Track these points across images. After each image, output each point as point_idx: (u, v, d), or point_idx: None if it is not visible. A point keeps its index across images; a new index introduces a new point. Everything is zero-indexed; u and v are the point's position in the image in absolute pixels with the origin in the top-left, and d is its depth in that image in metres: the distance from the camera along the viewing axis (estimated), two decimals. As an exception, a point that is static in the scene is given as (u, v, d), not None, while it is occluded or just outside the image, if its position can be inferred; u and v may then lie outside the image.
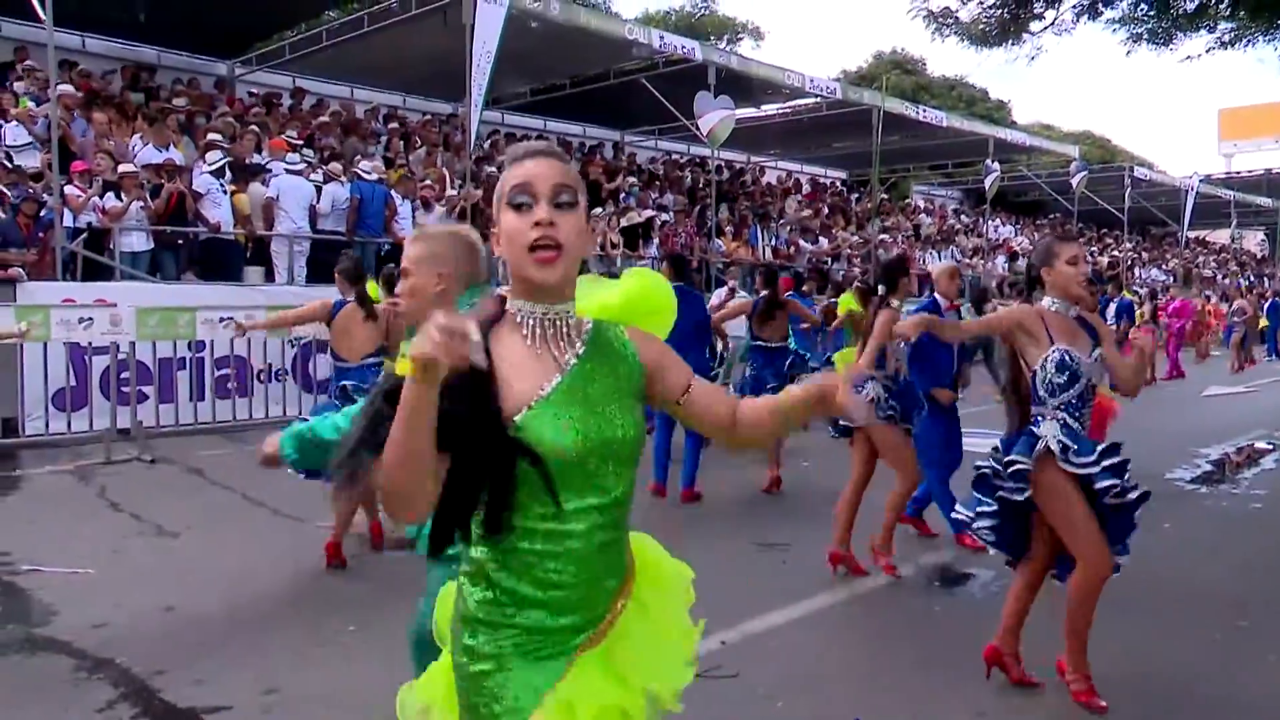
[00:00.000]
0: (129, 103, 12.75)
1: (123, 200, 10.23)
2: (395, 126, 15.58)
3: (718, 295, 12.51)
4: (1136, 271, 29.33)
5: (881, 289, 5.56)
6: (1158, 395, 14.41)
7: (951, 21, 9.42)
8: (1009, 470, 3.57)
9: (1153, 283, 26.15)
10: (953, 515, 4.32)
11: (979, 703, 3.67)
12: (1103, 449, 3.55)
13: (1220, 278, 33.38)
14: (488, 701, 1.64)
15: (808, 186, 23.92)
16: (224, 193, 11.06)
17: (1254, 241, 43.81)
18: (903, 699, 3.74)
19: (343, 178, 12.07)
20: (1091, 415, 3.75)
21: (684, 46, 15.44)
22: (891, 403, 5.38)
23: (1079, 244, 3.83)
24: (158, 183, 10.66)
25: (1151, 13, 9.16)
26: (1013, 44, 9.44)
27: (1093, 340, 3.66)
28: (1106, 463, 3.50)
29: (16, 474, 7.86)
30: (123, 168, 10.44)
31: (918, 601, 4.97)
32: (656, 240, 15.42)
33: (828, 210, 21.76)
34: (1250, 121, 52.80)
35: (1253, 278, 35.35)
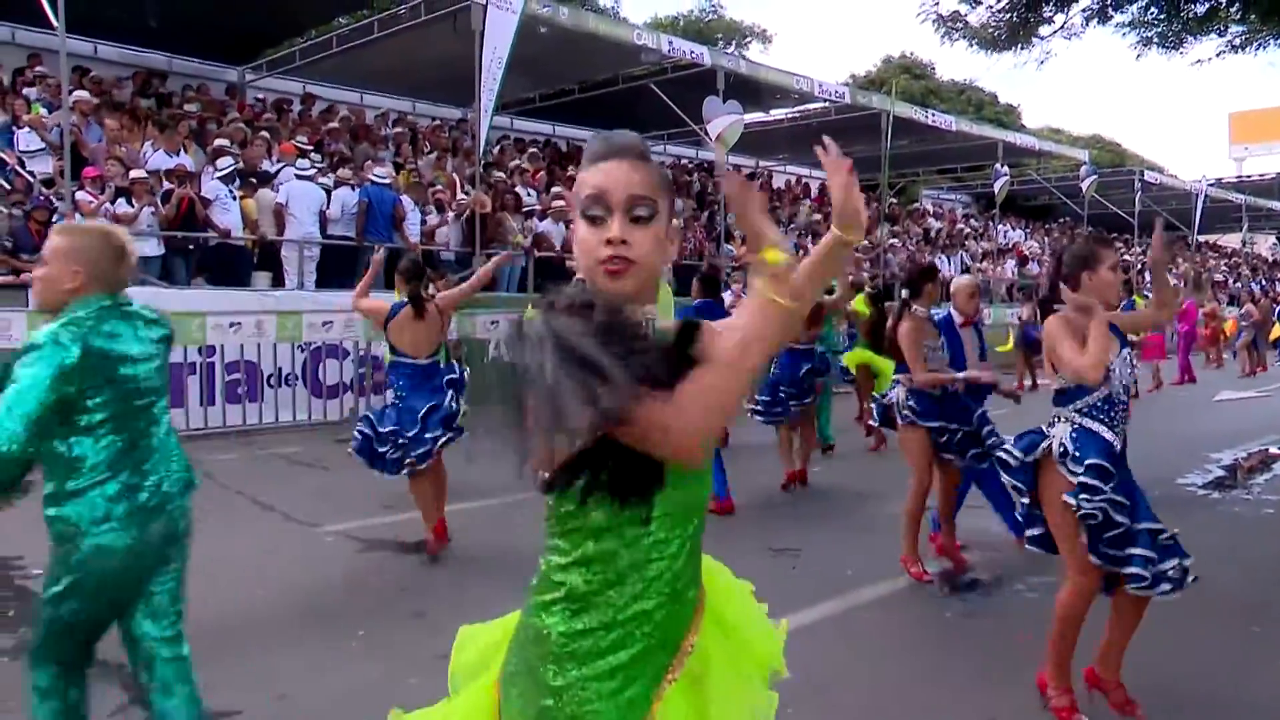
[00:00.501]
0: (140, 109, 12.82)
1: (134, 206, 10.28)
2: (403, 131, 15.61)
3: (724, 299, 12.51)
4: (1147, 276, 29.19)
5: (905, 293, 5.55)
6: (1169, 400, 14.35)
7: (960, 25, 9.40)
8: (1013, 473, 3.59)
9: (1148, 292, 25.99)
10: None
11: (990, 710, 3.65)
12: (1118, 483, 3.42)
13: (1231, 282, 33.22)
14: None
15: (816, 191, 23.91)
16: (233, 199, 11.10)
17: (1265, 246, 43.62)
18: (913, 707, 3.72)
19: (352, 182, 12.11)
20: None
21: (692, 51, 15.47)
22: (910, 404, 5.35)
23: (1117, 250, 3.73)
24: (169, 188, 10.72)
25: (1161, 16, 9.13)
26: (1022, 48, 9.41)
27: (1120, 340, 3.57)
28: (1109, 497, 3.37)
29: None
30: (134, 173, 10.49)
31: (929, 608, 4.95)
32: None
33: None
34: (1261, 125, 52.56)
35: (1264, 282, 35.16)
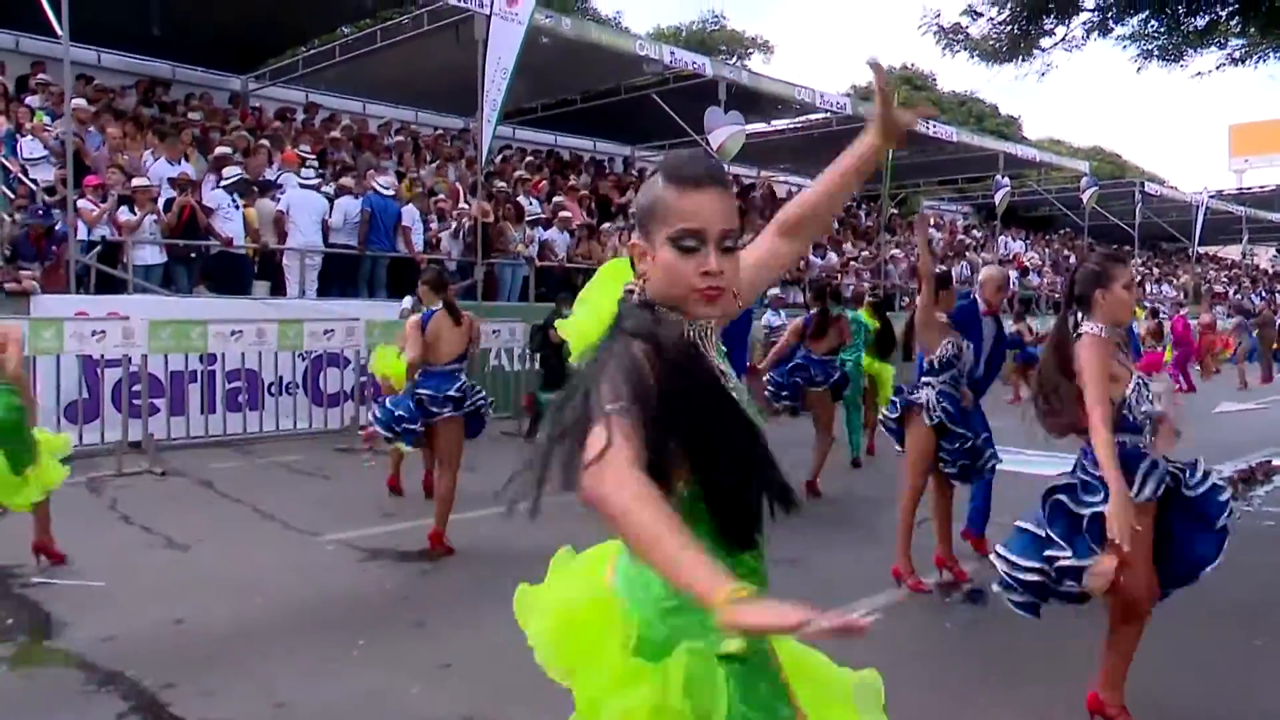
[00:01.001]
0: (142, 117, 12.86)
1: (136, 214, 10.30)
2: (403, 140, 15.65)
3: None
4: (1147, 287, 29.25)
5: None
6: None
7: (962, 37, 9.41)
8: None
9: (1153, 301, 26.02)
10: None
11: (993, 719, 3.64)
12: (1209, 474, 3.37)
13: (1232, 293, 33.24)
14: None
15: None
16: (236, 207, 11.13)
17: (1266, 258, 43.65)
18: (915, 717, 3.71)
19: (355, 191, 12.14)
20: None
21: (694, 62, 15.51)
22: (945, 405, 5.35)
23: (1131, 266, 3.57)
24: (171, 196, 10.75)
25: (1162, 29, 9.14)
26: (1023, 60, 9.43)
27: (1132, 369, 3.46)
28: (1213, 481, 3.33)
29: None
30: (136, 182, 10.52)
31: (931, 618, 4.94)
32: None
33: (837, 225, 21.76)
34: (1261, 137, 52.68)
35: (1265, 293, 35.18)
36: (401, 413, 5.96)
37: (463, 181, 14.46)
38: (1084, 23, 9.05)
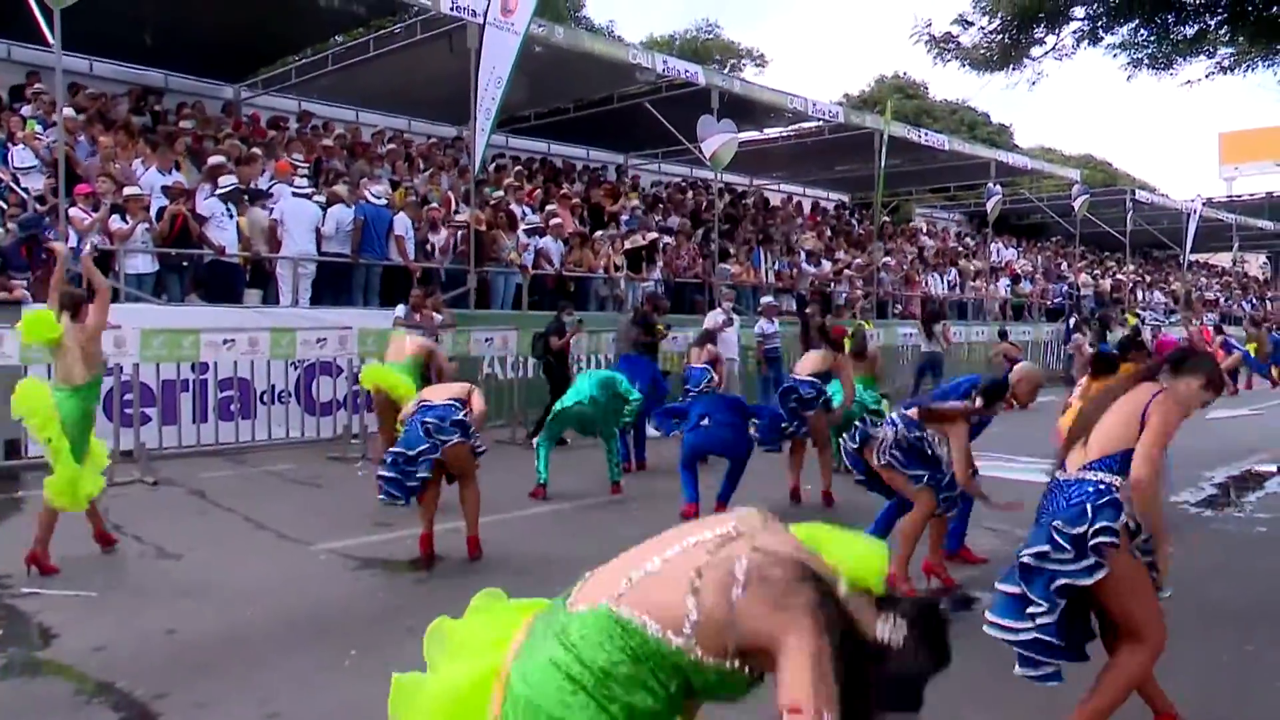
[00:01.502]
0: (132, 125, 12.83)
1: (128, 223, 10.28)
2: (395, 149, 15.65)
3: (712, 318, 12.51)
4: (1139, 294, 29.36)
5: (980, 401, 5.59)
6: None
7: (953, 46, 9.45)
8: (1095, 541, 3.20)
9: (1142, 310, 26.12)
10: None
11: (984, 729, 3.64)
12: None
13: (1223, 300, 33.39)
14: None
15: (809, 209, 24.02)
16: (230, 216, 11.11)
17: (1256, 265, 43.85)
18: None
19: (346, 199, 12.12)
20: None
21: (687, 70, 15.55)
22: (894, 452, 5.43)
23: (1208, 382, 3.58)
24: (163, 205, 10.72)
25: (1151, 38, 9.20)
26: (1014, 69, 9.47)
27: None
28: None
29: (19, 495, 7.85)
30: (127, 190, 10.49)
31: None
32: (660, 263, 15.46)
33: (830, 233, 21.82)
34: (1251, 145, 52.86)
35: (1255, 300, 35.34)
36: (416, 452, 5.75)
37: (455, 190, 14.46)
38: (1074, 32, 9.10)
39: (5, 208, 10.08)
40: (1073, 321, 20.71)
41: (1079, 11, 8.93)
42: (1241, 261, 39.61)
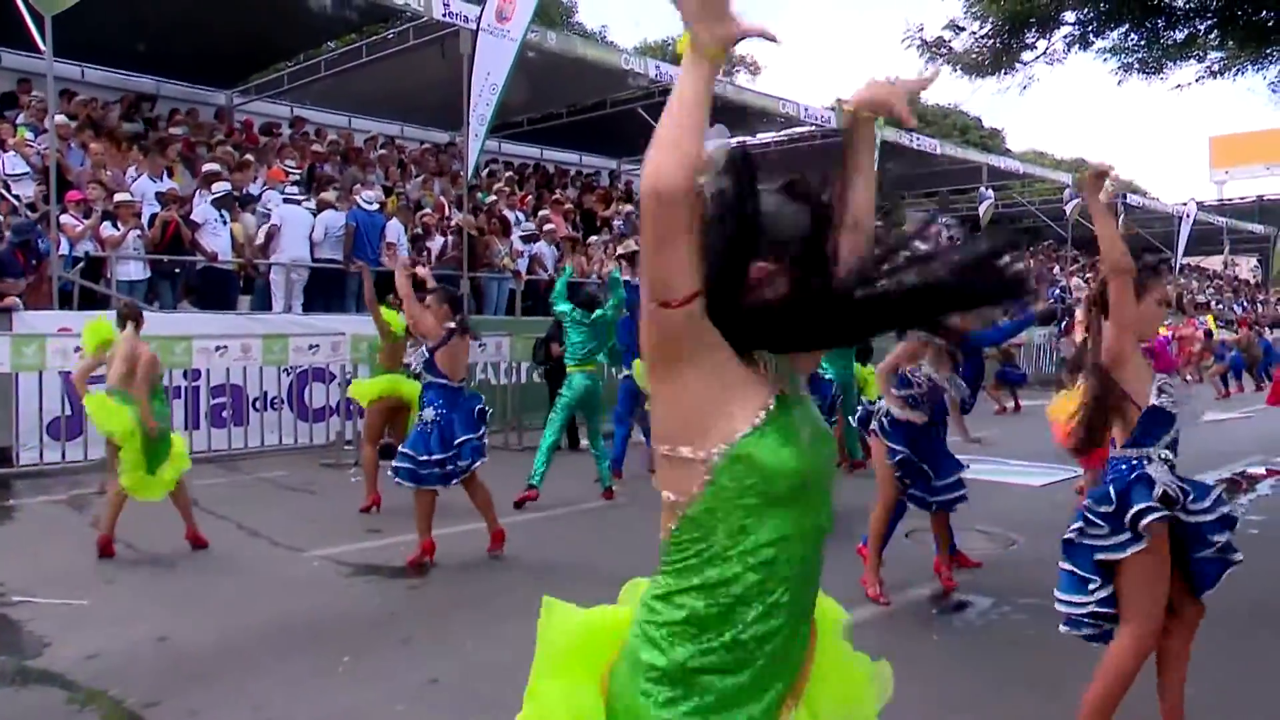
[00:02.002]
0: (122, 132, 12.81)
1: (119, 229, 10.25)
2: (387, 154, 15.64)
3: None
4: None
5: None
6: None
7: (945, 51, 9.49)
8: (1134, 520, 3.17)
9: None
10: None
11: (978, 732, 3.64)
12: (1216, 496, 3.35)
13: (1215, 303, 33.49)
14: None
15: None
16: (224, 223, 11.09)
17: (1247, 268, 44.00)
18: (902, 729, 3.70)
19: (337, 205, 12.10)
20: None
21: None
22: (883, 419, 5.39)
23: (1165, 280, 3.54)
24: (155, 211, 10.71)
25: (1142, 43, 9.25)
26: (1005, 73, 9.51)
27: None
28: (1221, 511, 3.35)
29: (10, 504, 7.82)
30: (119, 197, 10.47)
31: (914, 631, 4.93)
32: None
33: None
34: (1241, 148, 53.14)
35: (1246, 303, 35.46)
36: (437, 457, 5.83)
37: (448, 196, 14.46)
38: (1065, 36, 9.14)
39: (-3, 215, 10.06)
40: (1064, 325, 20.77)
41: (1070, 16, 8.97)
42: (1232, 265, 39.75)
